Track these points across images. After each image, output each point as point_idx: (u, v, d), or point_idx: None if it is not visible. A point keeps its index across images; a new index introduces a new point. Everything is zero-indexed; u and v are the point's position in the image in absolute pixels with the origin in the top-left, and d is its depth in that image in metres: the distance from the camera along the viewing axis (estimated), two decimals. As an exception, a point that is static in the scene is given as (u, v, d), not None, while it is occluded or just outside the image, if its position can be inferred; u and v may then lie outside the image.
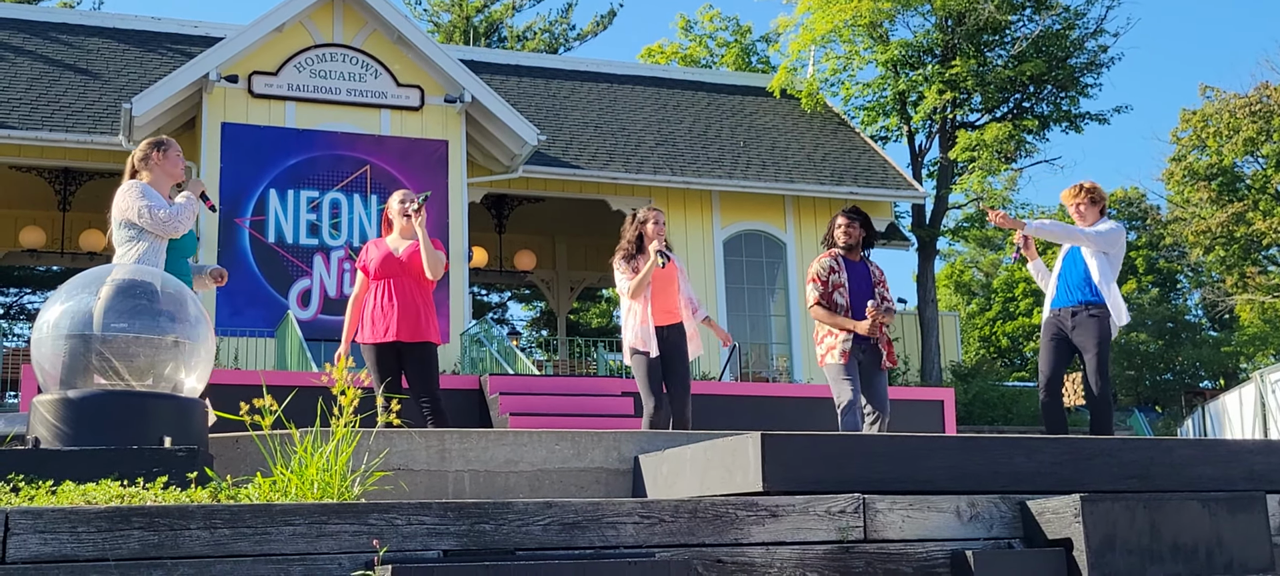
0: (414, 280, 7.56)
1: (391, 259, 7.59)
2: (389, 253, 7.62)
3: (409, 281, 7.55)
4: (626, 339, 8.28)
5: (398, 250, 7.63)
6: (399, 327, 7.46)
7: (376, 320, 7.51)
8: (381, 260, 7.60)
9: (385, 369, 7.48)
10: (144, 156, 6.48)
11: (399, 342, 7.47)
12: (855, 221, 7.91)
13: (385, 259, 7.60)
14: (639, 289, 8.17)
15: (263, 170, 17.33)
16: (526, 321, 37.94)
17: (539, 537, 3.75)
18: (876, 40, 24.06)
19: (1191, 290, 42.88)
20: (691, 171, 19.93)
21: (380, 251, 7.65)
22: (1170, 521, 4.22)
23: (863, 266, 7.93)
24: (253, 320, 16.78)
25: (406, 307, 7.50)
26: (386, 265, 7.58)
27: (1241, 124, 29.01)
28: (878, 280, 7.89)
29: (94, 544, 3.32)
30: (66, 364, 4.82)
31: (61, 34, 19.91)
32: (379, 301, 7.54)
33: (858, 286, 7.79)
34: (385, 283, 7.55)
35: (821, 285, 7.82)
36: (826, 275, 7.82)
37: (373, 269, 7.60)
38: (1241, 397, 20.82)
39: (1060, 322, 7.68)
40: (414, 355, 7.50)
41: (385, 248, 7.67)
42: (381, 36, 18.19)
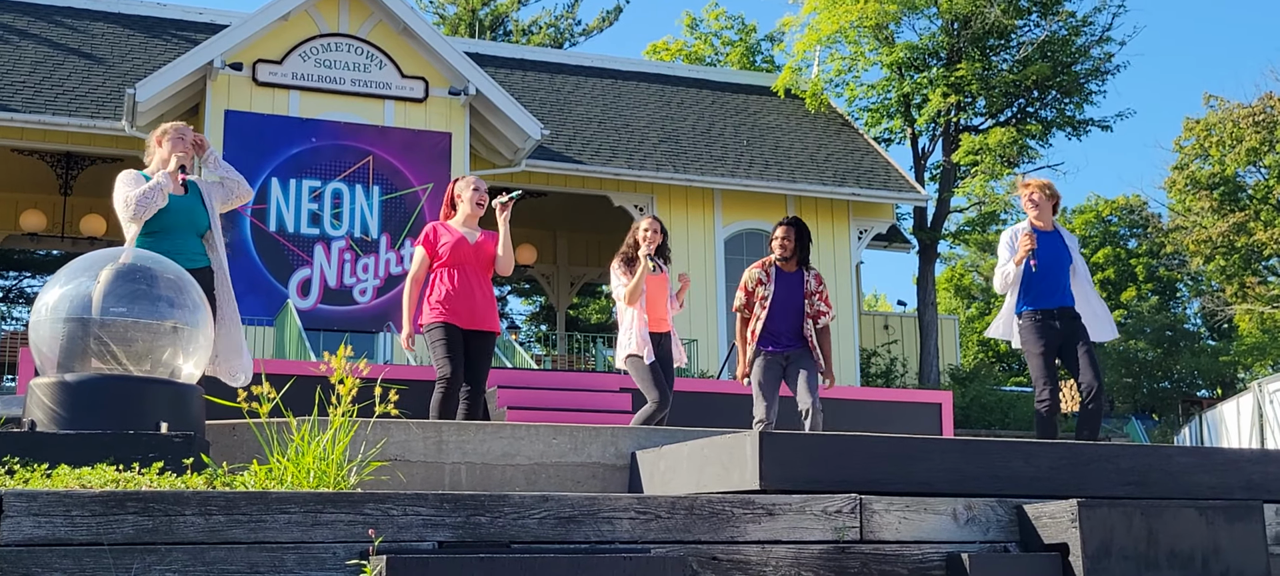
0: (483, 268, 7.49)
1: (465, 244, 7.45)
2: (462, 238, 7.46)
3: (479, 269, 7.47)
4: (622, 344, 8.35)
5: (471, 237, 7.51)
6: (480, 315, 7.39)
7: (453, 304, 7.35)
8: (454, 245, 7.43)
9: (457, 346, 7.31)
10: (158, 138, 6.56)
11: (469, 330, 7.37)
12: (791, 232, 8.11)
13: (458, 244, 7.43)
14: (633, 295, 8.26)
15: (265, 158, 17.31)
16: (526, 316, 37.95)
17: (535, 531, 3.74)
18: (882, 42, 24.04)
19: (1191, 299, 42.87)
20: (694, 169, 19.92)
21: (452, 236, 7.47)
22: (1167, 528, 4.21)
23: (798, 276, 8.11)
24: (252, 308, 16.77)
25: (484, 296, 7.46)
26: (459, 251, 7.42)
27: (1244, 134, 28.99)
28: (811, 291, 8.07)
29: (88, 528, 3.31)
30: (64, 347, 4.81)
31: (66, 18, 19.89)
32: (451, 286, 7.38)
33: (786, 297, 8.00)
34: (456, 269, 7.42)
35: (747, 294, 8.11)
36: (753, 286, 8.09)
37: (444, 253, 7.43)
38: (1239, 407, 20.82)
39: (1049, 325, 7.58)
40: (484, 344, 7.43)
41: (456, 233, 7.49)
42: (387, 27, 18.18)
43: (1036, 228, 7.74)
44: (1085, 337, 7.57)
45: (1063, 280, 7.64)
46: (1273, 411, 19.08)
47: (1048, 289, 7.60)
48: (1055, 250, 7.69)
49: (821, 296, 8.09)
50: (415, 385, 8.05)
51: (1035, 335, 7.57)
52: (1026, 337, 7.63)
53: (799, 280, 8.11)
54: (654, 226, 8.40)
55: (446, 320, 7.33)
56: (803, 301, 8.03)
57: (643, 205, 19.79)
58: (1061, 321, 7.57)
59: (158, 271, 5.07)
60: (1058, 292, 7.62)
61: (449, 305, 7.35)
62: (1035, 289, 7.61)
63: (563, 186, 19.94)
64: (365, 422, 4.85)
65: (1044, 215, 7.78)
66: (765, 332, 8.00)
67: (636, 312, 8.29)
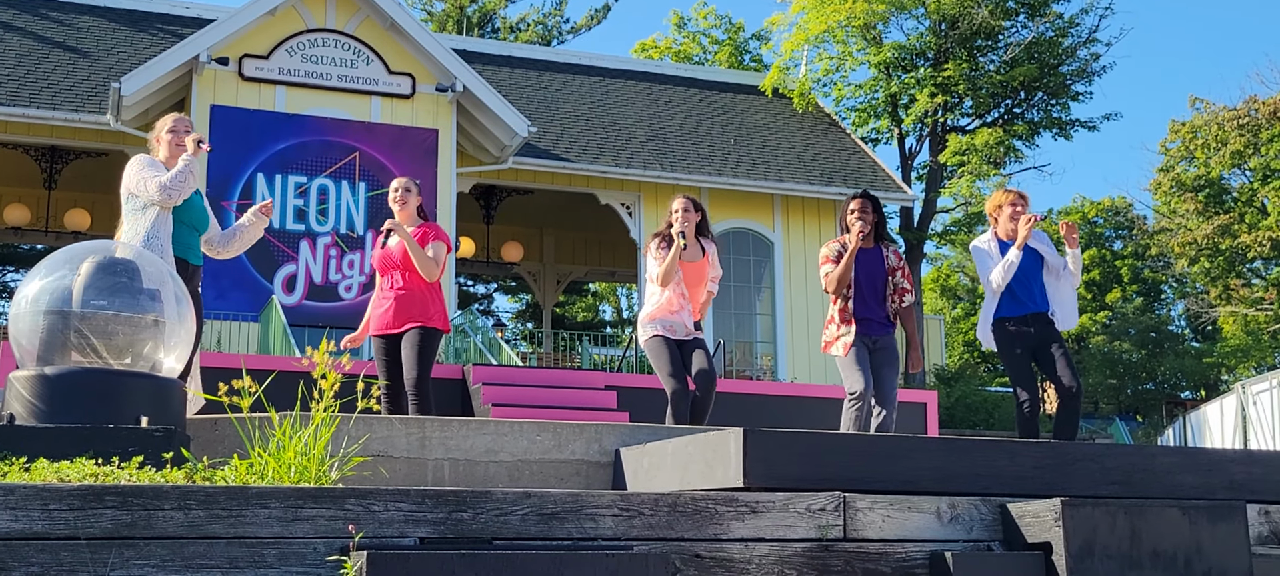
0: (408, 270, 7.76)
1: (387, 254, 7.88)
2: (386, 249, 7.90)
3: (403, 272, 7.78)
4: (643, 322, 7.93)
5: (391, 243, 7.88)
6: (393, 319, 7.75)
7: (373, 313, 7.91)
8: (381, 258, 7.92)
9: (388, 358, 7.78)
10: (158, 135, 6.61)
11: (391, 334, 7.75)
12: (868, 205, 7.64)
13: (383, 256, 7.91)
14: (666, 276, 7.79)
15: (251, 154, 17.25)
16: (512, 313, 37.91)
17: (517, 527, 3.72)
18: (869, 42, 24.07)
19: (1175, 301, 43.02)
20: (681, 168, 19.90)
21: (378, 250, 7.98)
22: (1150, 528, 4.21)
23: (877, 252, 7.69)
24: (237, 304, 16.71)
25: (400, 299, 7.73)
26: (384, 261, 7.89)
27: (1229, 137, 29.09)
28: (893, 266, 7.66)
29: (66, 522, 3.28)
30: (44, 340, 4.78)
31: (51, 11, 19.80)
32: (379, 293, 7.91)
33: (868, 272, 7.59)
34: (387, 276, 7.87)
35: (832, 264, 7.59)
36: (837, 255, 7.59)
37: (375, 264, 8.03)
38: (1223, 408, 20.90)
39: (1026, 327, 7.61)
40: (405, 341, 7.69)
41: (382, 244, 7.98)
42: (374, 23, 18.12)
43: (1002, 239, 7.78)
44: (1059, 340, 7.61)
45: (1034, 286, 7.67)
46: (1256, 412, 19.15)
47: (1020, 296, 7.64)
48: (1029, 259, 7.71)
49: (904, 273, 7.66)
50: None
51: (1009, 343, 7.63)
52: (1001, 345, 7.68)
53: (878, 255, 7.66)
54: (686, 205, 7.94)
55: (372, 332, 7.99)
56: (886, 278, 7.60)
57: (629, 204, 19.78)
58: (1034, 327, 7.62)
59: (139, 264, 5.04)
60: (1029, 299, 7.65)
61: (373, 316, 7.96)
62: (1006, 297, 7.66)
63: (550, 184, 19.92)
64: (348, 418, 4.83)
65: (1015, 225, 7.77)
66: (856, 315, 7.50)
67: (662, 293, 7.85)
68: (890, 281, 7.65)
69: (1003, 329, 7.64)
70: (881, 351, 7.58)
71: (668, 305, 7.83)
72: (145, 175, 6.23)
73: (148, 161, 6.36)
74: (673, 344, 7.80)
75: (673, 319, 7.82)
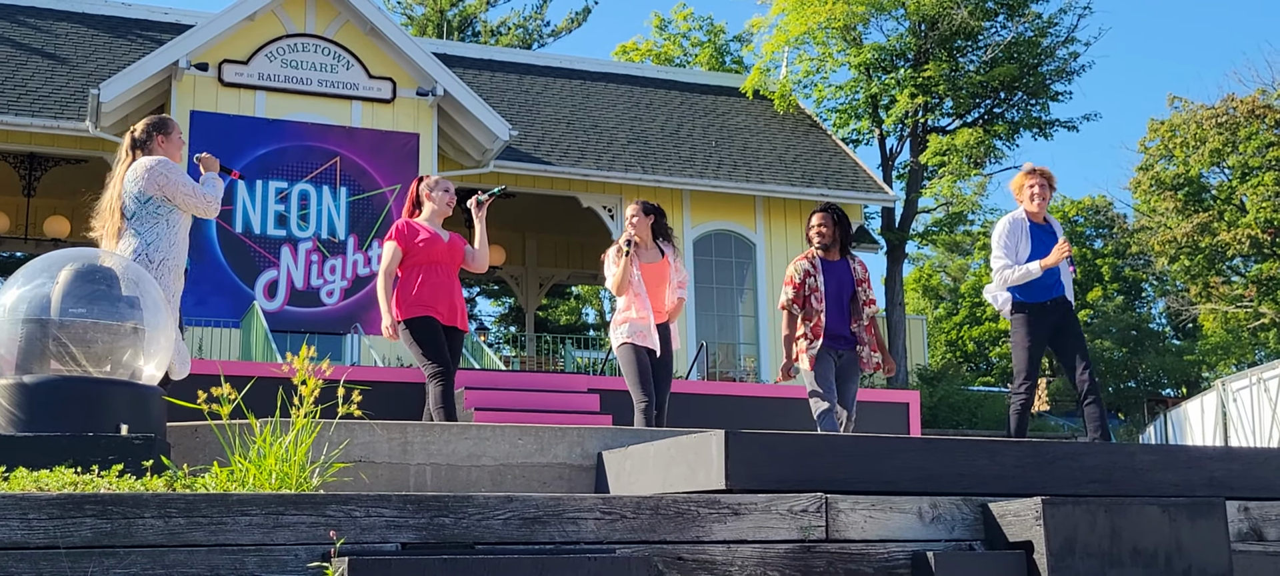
0: (454, 266, 7.54)
1: (438, 243, 7.47)
2: (436, 236, 7.49)
3: (452, 268, 7.53)
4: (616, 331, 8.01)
5: (443, 236, 7.54)
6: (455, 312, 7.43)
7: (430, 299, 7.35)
8: (428, 242, 7.44)
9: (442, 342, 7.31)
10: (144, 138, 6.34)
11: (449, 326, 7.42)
12: (829, 218, 7.68)
13: (432, 241, 7.45)
14: (619, 285, 7.93)
15: (232, 160, 17.17)
16: (495, 317, 37.86)
17: (499, 532, 3.72)
18: (850, 43, 24.12)
19: (1156, 299, 43.21)
20: (663, 170, 19.92)
21: (426, 233, 7.48)
22: (1131, 526, 4.23)
23: (843, 265, 7.70)
24: (218, 310, 16.65)
25: (452, 294, 7.47)
26: (432, 248, 7.44)
27: (1208, 135, 29.24)
28: (860, 279, 7.69)
29: (45, 531, 3.26)
30: (22, 348, 4.76)
31: (29, 17, 19.70)
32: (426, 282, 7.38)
33: (835, 287, 7.59)
34: (430, 266, 7.42)
35: (796, 288, 7.59)
36: (803, 278, 7.58)
37: (418, 251, 7.43)
38: (1203, 405, 20.99)
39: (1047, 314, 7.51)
40: (454, 343, 7.45)
41: (430, 231, 7.51)
42: (354, 27, 18.09)
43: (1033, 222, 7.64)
44: (1077, 331, 7.48)
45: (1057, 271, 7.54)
46: (1236, 409, 19.25)
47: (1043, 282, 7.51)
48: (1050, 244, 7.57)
49: (869, 284, 7.69)
50: (380, 387, 8.02)
51: (1026, 329, 7.50)
52: (1016, 329, 7.55)
53: (846, 268, 7.69)
54: (637, 210, 8.07)
55: (429, 313, 7.34)
56: (853, 291, 7.63)
57: (611, 206, 19.78)
58: (1055, 314, 7.51)
59: (118, 272, 5.02)
60: (1054, 285, 7.53)
61: (429, 300, 7.36)
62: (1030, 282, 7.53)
63: (531, 187, 19.91)
64: (329, 424, 4.82)
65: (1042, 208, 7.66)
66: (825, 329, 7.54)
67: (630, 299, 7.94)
68: (857, 293, 7.67)
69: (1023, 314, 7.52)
70: (847, 365, 7.63)
71: (635, 314, 7.93)
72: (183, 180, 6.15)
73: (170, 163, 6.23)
74: (644, 353, 7.89)
75: (641, 325, 7.92)
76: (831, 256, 7.70)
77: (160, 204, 6.13)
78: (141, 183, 6.13)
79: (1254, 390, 18.70)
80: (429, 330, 7.31)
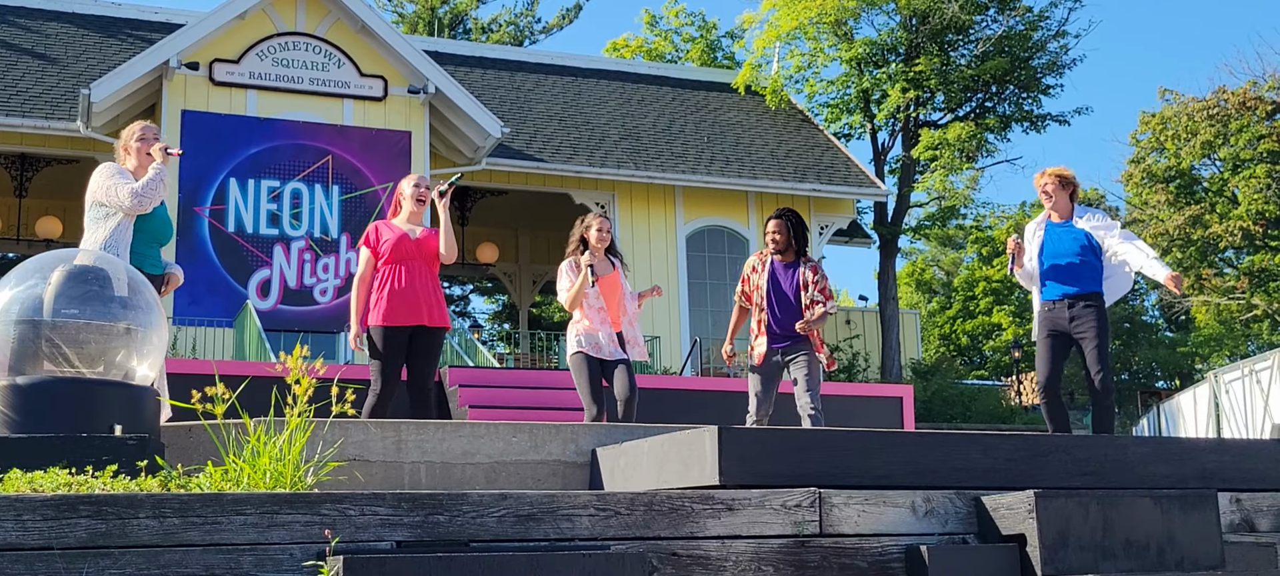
0: (427, 264, 7.43)
1: (406, 241, 7.41)
2: (404, 235, 7.44)
3: (423, 264, 7.41)
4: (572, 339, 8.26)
5: (413, 233, 7.47)
6: (422, 310, 7.32)
7: (395, 302, 7.29)
8: (396, 242, 7.40)
9: (394, 351, 7.27)
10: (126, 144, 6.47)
11: (415, 326, 7.33)
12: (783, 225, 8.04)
13: (400, 240, 7.41)
14: (574, 302, 8.20)
15: (223, 159, 17.18)
16: (488, 314, 37.85)
17: (494, 529, 3.73)
18: (841, 38, 24.13)
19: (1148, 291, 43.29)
20: (655, 166, 19.92)
21: (393, 233, 7.45)
22: (1123, 518, 4.24)
23: (795, 266, 8.03)
24: (211, 309, 16.63)
25: (427, 291, 7.38)
26: (401, 247, 7.39)
27: (1199, 127, 29.28)
28: (808, 281, 7.95)
29: (40, 532, 3.27)
30: (15, 350, 4.75)
31: (19, 18, 19.65)
32: (395, 283, 7.33)
33: (782, 289, 7.96)
34: (399, 265, 7.37)
35: (743, 284, 8.14)
36: (749, 273, 8.10)
37: (386, 251, 7.40)
38: (1196, 397, 21.05)
39: (1057, 316, 7.50)
40: (429, 340, 7.38)
41: (398, 230, 7.47)
42: (345, 26, 18.07)
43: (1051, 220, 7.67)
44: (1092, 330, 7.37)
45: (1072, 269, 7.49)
46: (1228, 401, 19.30)
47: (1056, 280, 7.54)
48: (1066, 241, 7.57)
49: (819, 287, 7.95)
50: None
51: (1039, 325, 7.61)
52: (1035, 325, 7.68)
53: (795, 271, 8.01)
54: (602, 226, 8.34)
55: (386, 322, 7.28)
56: (798, 293, 7.93)
57: (604, 203, 19.78)
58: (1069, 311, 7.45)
59: (110, 272, 5.02)
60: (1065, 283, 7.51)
61: (392, 304, 7.30)
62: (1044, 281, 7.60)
63: (524, 184, 19.90)
64: (322, 423, 4.82)
65: (1059, 205, 7.64)
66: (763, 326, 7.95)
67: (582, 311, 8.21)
68: (804, 295, 7.94)
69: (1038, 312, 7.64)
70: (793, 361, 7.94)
71: (587, 325, 8.21)
72: (115, 182, 6.18)
73: (116, 170, 6.30)
74: (595, 363, 8.18)
75: (594, 335, 8.18)
76: (787, 259, 8.07)
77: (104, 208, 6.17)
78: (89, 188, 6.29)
79: (1246, 381, 18.75)
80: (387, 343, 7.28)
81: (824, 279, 8.03)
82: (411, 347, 7.34)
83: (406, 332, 7.31)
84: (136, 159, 6.44)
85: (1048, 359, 7.52)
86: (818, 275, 8.00)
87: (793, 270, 8.01)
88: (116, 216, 6.15)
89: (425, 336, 7.37)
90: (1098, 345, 7.32)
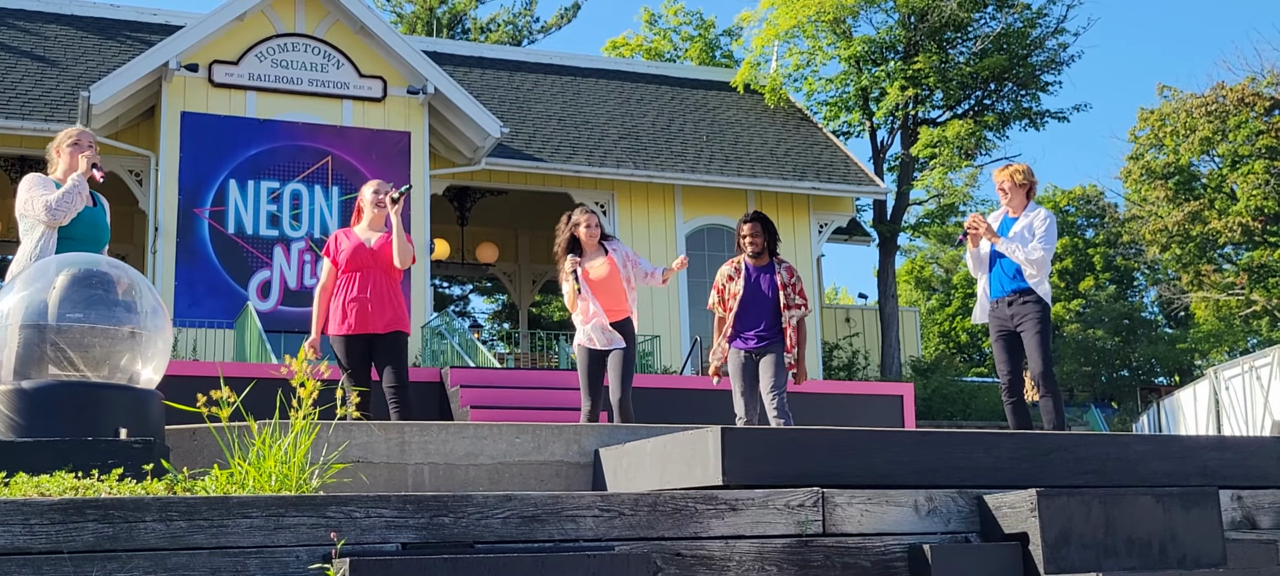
0: (384, 271, 7.51)
1: (362, 249, 7.52)
2: (360, 243, 7.54)
3: (379, 272, 7.50)
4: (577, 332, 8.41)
5: (369, 241, 7.56)
6: (373, 318, 7.43)
7: (348, 311, 7.44)
8: (352, 251, 7.52)
9: (355, 360, 7.45)
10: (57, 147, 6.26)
11: (371, 334, 7.45)
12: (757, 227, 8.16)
13: (356, 250, 7.52)
14: (571, 304, 8.32)
15: (223, 160, 17.18)
16: (488, 314, 37.85)
17: (498, 530, 3.74)
18: (840, 36, 24.14)
19: (1148, 287, 43.31)
20: (654, 165, 19.93)
21: (350, 242, 7.56)
22: (1125, 516, 4.26)
23: (769, 270, 8.17)
24: (212, 311, 16.65)
25: (378, 299, 7.45)
26: (357, 256, 7.51)
27: (1198, 124, 29.28)
28: (784, 283, 8.11)
29: (47, 536, 3.28)
30: (20, 354, 4.76)
31: (18, 20, 19.65)
32: (349, 293, 7.47)
33: (756, 292, 8.11)
34: (355, 274, 7.49)
35: (718, 292, 8.27)
36: (724, 282, 8.23)
37: (343, 260, 7.53)
38: (1196, 394, 21.06)
39: (1000, 314, 7.66)
40: (385, 344, 7.47)
41: (355, 238, 7.59)
42: (344, 26, 18.08)
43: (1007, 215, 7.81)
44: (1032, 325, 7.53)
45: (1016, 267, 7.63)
46: (1228, 397, 19.32)
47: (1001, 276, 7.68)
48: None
49: (795, 288, 8.12)
50: (377, 387, 8.01)
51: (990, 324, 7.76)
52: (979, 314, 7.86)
53: (771, 274, 8.17)
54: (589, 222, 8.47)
55: (343, 332, 7.47)
56: (776, 295, 8.07)
57: (603, 202, 19.79)
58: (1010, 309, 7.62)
59: (114, 276, 5.03)
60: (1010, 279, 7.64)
61: (346, 313, 7.46)
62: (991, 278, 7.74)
63: (523, 184, 19.92)
64: (327, 425, 4.84)
65: (1015, 202, 7.76)
66: (735, 329, 8.12)
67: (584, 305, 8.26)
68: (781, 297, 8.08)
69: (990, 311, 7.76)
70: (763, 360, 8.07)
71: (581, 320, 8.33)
72: (33, 195, 5.95)
73: (39, 180, 6.07)
74: (594, 355, 8.28)
75: (590, 327, 8.28)
76: (761, 261, 8.20)
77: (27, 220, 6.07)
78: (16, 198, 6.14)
79: (1246, 378, 18.77)
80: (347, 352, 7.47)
81: (800, 281, 8.26)
82: (373, 352, 7.48)
83: (364, 340, 7.47)
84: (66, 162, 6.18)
85: (1006, 360, 7.70)
86: (794, 276, 8.22)
87: (768, 272, 8.17)
88: (40, 227, 6.01)
89: (383, 341, 7.49)
90: (1037, 334, 7.52)
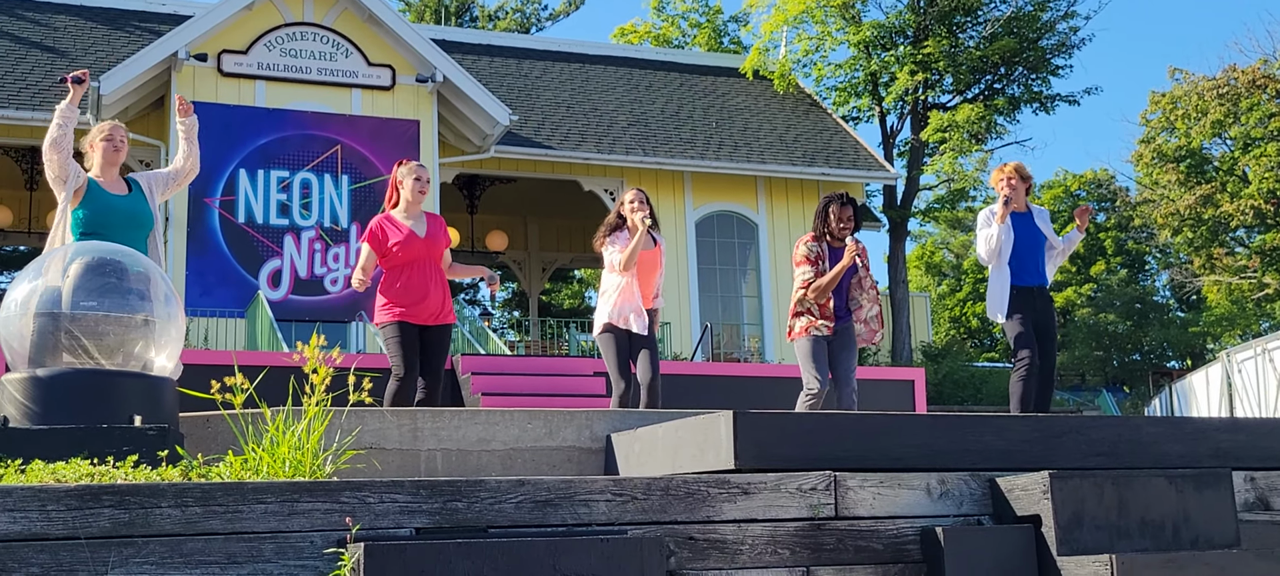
0: (434, 260, 7.45)
1: (415, 241, 7.37)
2: (411, 234, 7.38)
3: (430, 263, 7.41)
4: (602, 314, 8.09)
5: (419, 231, 7.42)
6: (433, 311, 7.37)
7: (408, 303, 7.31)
8: (404, 243, 7.36)
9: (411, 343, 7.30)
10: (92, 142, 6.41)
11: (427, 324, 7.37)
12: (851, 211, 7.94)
13: (408, 241, 7.36)
14: (629, 261, 7.97)
15: (233, 150, 17.21)
16: (498, 302, 37.89)
17: (511, 515, 3.75)
18: (849, 21, 24.08)
19: (1160, 271, 43.20)
20: (663, 152, 19.92)
21: (400, 233, 7.38)
22: (1138, 498, 4.25)
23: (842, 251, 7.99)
24: (223, 300, 16.69)
25: (437, 292, 7.40)
26: (411, 248, 7.36)
27: (1209, 106, 29.17)
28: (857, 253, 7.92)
29: (64, 522, 3.30)
30: (35, 342, 4.79)
31: (28, 11, 19.69)
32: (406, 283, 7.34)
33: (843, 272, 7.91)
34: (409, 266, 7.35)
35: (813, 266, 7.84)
36: (816, 260, 7.88)
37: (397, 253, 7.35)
38: (1208, 377, 21.01)
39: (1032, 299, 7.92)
40: (439, 336, 7.43)
41: (404, 228, 7.40)
42: (352, 15, 18.08)
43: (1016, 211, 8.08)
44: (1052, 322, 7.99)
45: (1038, 260, 8.01)
46: (1240, 380, 19.27)
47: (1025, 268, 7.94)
48: (1030, 231, 8.03)
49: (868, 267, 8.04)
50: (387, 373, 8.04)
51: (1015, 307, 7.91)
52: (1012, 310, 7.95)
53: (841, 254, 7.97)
54: (639, 197, 8.15)
55: (403, 319, 7.32)
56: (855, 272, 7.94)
57: (612, 189, 19.78)
58: (1037, 299, 7.96)
59: (128, 264, 5.05)
60: (1034, 272, 7.97)
61: (406, 304, 7.33)
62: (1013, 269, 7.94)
63: (532, 172, 19.92)
64: (340, 412, 4.85)
65: (1018, 198, 8.05)
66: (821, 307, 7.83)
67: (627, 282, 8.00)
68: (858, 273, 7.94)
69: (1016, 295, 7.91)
70: (839, 337, 7.85)
71: (619, 298, 8.00)
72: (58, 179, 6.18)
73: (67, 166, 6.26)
74: (624, 338, 8.00)
75: (627, 307, 7.98)
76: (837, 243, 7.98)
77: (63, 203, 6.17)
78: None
79: (1259, 360, 18.72)
80: (404, 335, 7.33)
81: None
82: (423, 341, 7.41)
83: (418, 329, 7.38)
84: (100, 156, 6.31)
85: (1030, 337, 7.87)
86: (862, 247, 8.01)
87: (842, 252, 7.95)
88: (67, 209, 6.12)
89: (435, 333, 7.44)
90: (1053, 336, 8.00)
